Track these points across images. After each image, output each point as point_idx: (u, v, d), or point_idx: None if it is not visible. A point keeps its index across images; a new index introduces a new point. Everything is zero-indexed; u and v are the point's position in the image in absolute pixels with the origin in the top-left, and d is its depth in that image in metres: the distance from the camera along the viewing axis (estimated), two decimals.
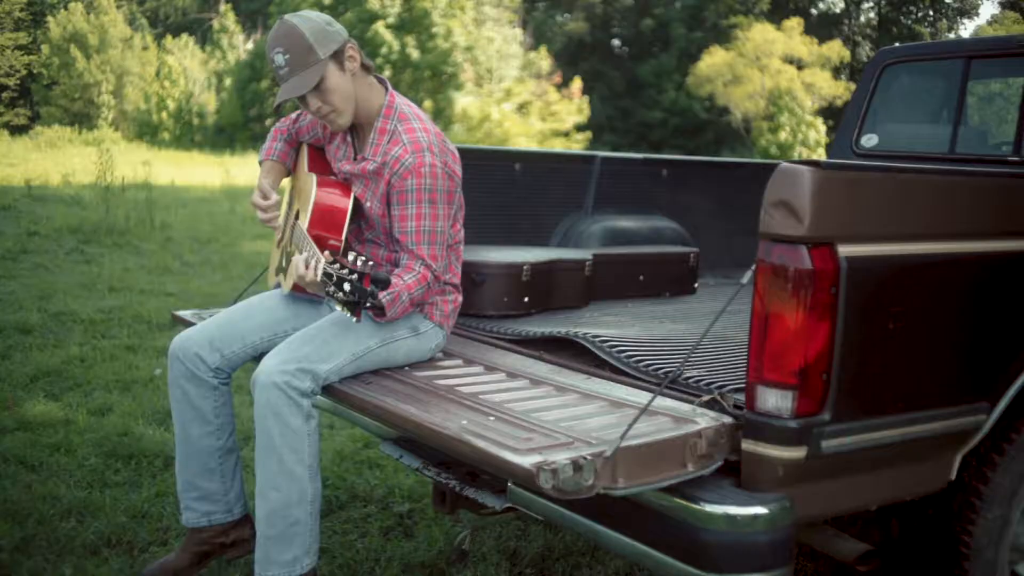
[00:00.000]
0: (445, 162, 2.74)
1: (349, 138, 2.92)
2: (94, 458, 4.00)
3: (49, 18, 40.71)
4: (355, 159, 2.88)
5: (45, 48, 39.85)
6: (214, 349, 2.85)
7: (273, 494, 2.56)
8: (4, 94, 44.15)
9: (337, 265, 2.34)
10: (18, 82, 44.13)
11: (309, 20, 2.69)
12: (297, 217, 2.90)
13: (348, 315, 2.37)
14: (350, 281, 2.32)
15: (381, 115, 2.80)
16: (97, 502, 3.57)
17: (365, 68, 2.79)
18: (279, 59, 2.66)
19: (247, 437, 4.01)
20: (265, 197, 2.98)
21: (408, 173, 2.69)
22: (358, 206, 2.86)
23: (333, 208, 2.81)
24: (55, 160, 20.77)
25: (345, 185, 2.88)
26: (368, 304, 2.37)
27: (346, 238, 2.79)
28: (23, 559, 3.14)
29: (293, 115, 3.14)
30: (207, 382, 2.85)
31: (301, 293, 2.87)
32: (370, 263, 2.36)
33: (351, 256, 2.36)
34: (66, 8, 40.36)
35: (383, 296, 2.51)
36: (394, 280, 2.59)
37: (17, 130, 35.04)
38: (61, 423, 4.40)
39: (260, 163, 3.14)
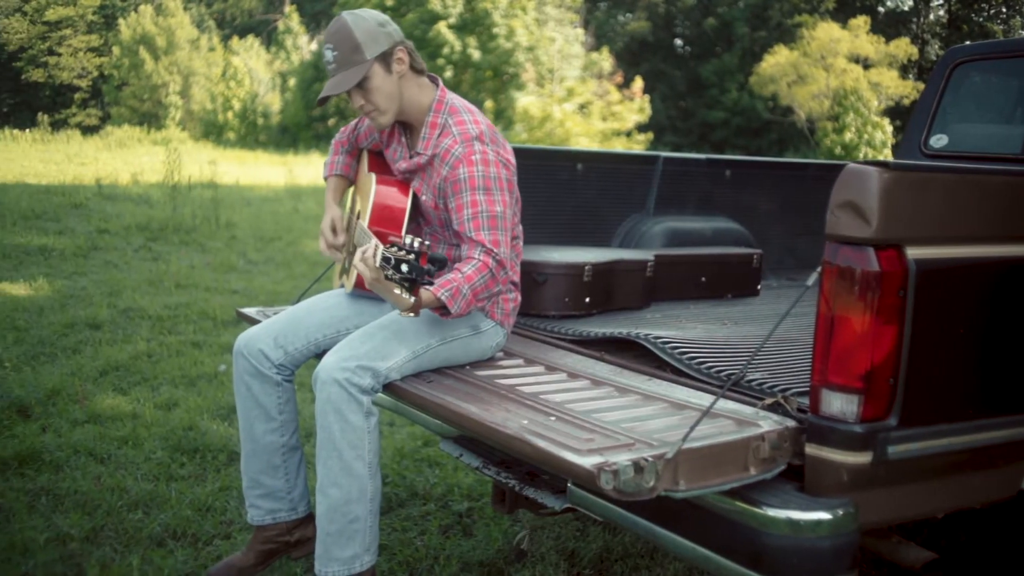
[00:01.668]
0: (497, 151, 2.74)
1: (403, 138, 2.95)
2: (160, 452, 4.08)
3: (120, 20, 41.63)
4: (410, 157, 2.91)
5: (116, 50, 40.76)
6: (278, 346, 2.89)
7: (333, 491, 2.59)
8: (76, 95, 45.27)
9: (395, 248, 2.36)
10: (90, 83, 45.23)
11: (362, 20, 2.72)
12: (359, 216, 2.94)
13: (407, 295, 2.37)
14: (407, 261, 2.33)
15: (432, 110, 2.82)
16: (163, 495, 3.64)
17: (416, 70, 2.81)
18: (328, 54, 2.73)
19: (310, 434, 4.07)
20: (335, 233, 3.03)
21: (459, 163, 2.70)
22: (417, 203, 2.90)
23: (392, 205, 2.86)
24: (125, 159, 21.22)
25: (404, 184, 2.92)
26: (424, 281, 2.36)
27: (406, 233, 2.82)
28: (92, 549, 3.21)
29: (352, 123, 3.20)
30: (271, 378, 2.89)
31: (364, 291, 2.91)
32: (427, 243, 2.37)
33: (408, 239, 2.38)
34: (136, 11, 41.23)
35: (441, 293, 2.51)
36: (452, 274, 2.57)
37: (88, 130, 35.85)
38: (129, 417, 4.50)
39: (325, 179, 3.19)
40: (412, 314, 2.48)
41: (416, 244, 2.35)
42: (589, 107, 28.11)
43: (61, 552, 3.17)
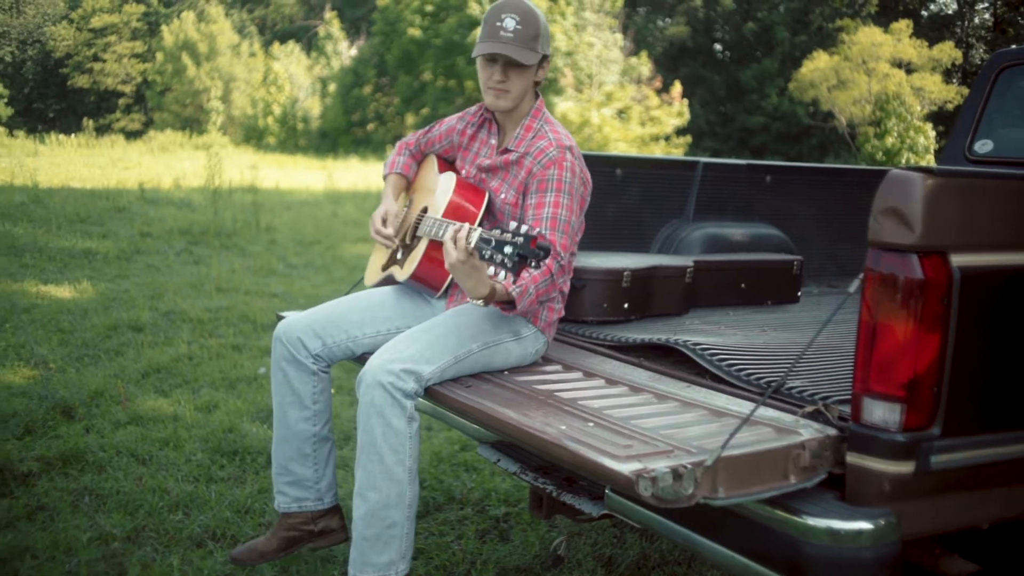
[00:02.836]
0: (582, 168, 2.87)
1: (493, 139, 3.02)
2: (200, 453, 4.12)
3: (163, 27, 42.20)
4: (498, 153, 2.97)
5: (159, 56, 41.32)
6: (316, 336, 2.92)
7: (372, 494, 2.60)
8: (120, 100, 45.93)
9: (497, 231, 2.38)
10: (134, 89, 45.87)
11: (543, 17, 2.88)
12: (426, 211, 2.98)
13: (505, 275, 2.38)
14: (513, 244, 2.33)
15: (530, 115, 2.95)
16: (203, 496, 3.68)
17: (539, 83, 2.96)
18: (510, 23, 2.79)
19: (347, 437, 4.09)
20: (386, 223, 3.07)
21: (551, 163, 2.80)
22: (491, 204, 2.95)
23: (466, 204, 2.92)
24: (167, 164, 21.48)
25: (479, 188, 2.99)
26: (534, 264, 2.35)
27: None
28: (134, 548, 3.25)
29: (424, 128, 3.28)
30: (307, 367, 2.92)
31: (419, 283, 2.95)
32: (536, 229, 2.39)
33: (512, 224, 2.40)
34: (179, 17, 41.76)
35: (513, 289, 2.55)
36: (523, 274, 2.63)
37: (132, 135, 36.38)
38: (170, 418, 4.55)
39: (384, 177, 3.24)
40: (482, 303, 2.53)
41: (524, 229, 2.36)
42: (627, 112, 28.06)
43: (104, 551, 3.21)
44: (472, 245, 2.41)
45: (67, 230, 10.44)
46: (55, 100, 46.80)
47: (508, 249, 2.33)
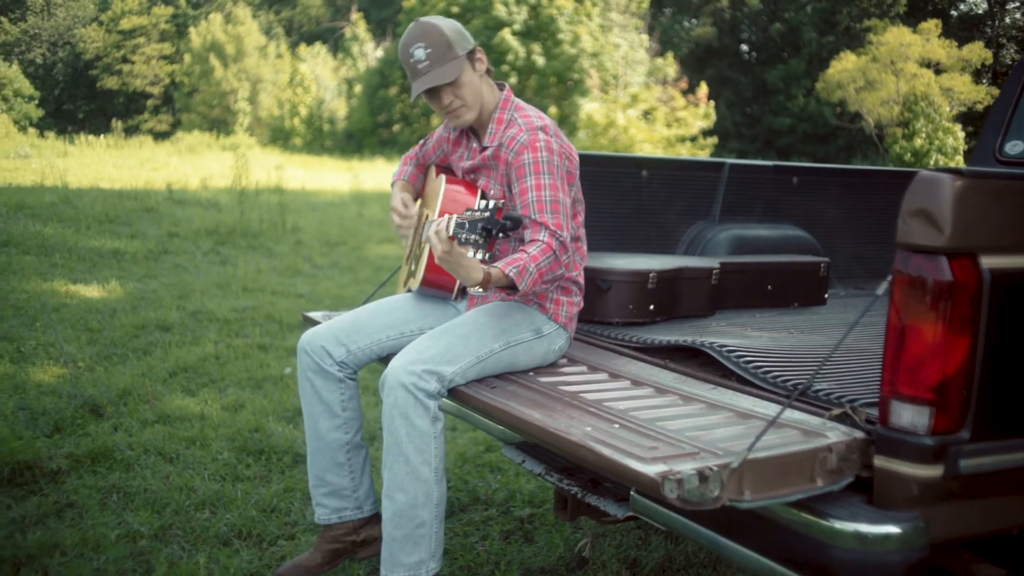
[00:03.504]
0: (560, 143, 2.83)
1: (470, 140, 3.04)
2: (227, 452, 4.15)
3: (191, 29, 42.53)
4: (479, 152, 2.98)
5: (187, 57, 41.65)
6: (340, 343, 2.93)
7: (399, 495, 2.60)
8: (149, 102, 46.33)
9: (468, 212, 2.39)
10: (162, 90, 46.26)
11: (446, 21, 2.85)
12: (427, 218, 2.99)
13: (482, 253, 2.37)
14: (482, 220, 2.33)
15: (499, 107, 2.94)
16: (229, 495, 3.70)
17: (488, 71, 2.94)
18: (419, 53, 2.78)
19: (374, 438, 4.11)
20: (406, 206, 3.13)
21: (523, 148, 2.78)
22: (485, 197, 2.94)
23: (460, 199, 2.92)
24: (194, 165, 21.64)
25: (472, 184, 3.00)
26: (500, 235, 2.36)
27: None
28: (161, 546, 3.28)
29: (420, 142, 3.30)
30: (333, 375, 2.93)
31: (430, 289, 2.96)
32: (502, 202, 2.37)
33: (481, 202, 2.39)
34: (206, 19, 42.08)
35: (509, 270, 2.54)
36: (518, 254, 2.62)
37: (160, 136, 36.69)
38: (197, 418, 4.58)
39: (392, 184, 3.28)
40: (481, 289, 2.49)
41: (491, 204, 2.36)
42: (653, 113, 28.00)
43: (131, 549, 3.24)
44: (450, 232, 2.40)
45: (96, 230, 10.54)
46: (85, 101, 47.30)
47: (479, 226, 2.33)
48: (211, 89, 40.04)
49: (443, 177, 3.00)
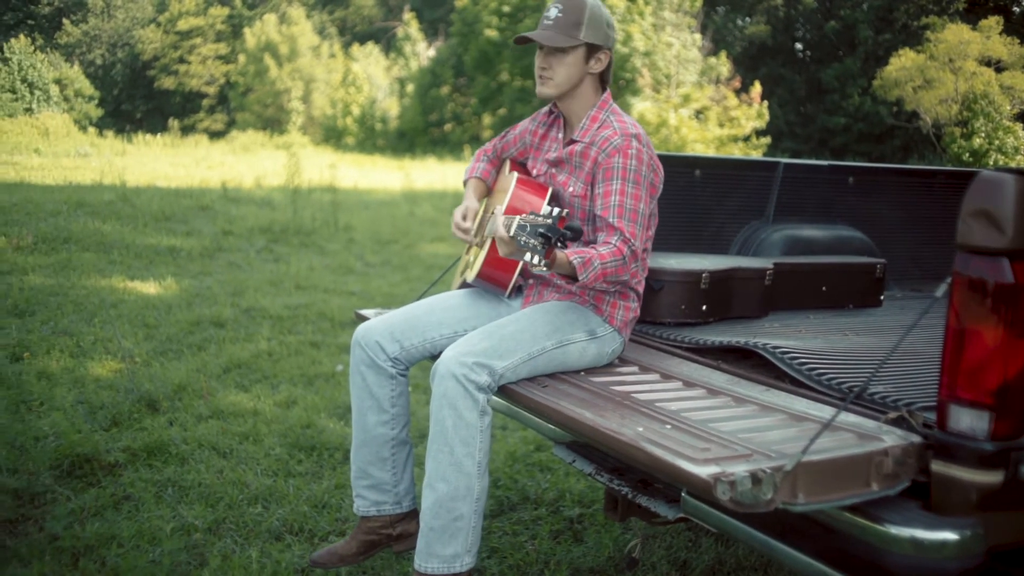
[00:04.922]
0: (650, 155, 2.84)
1: (560, 134, 3.05)
2: (279, 448, 4.19)
3: (246, 29, 43.06)
4: (564, 145, 2.99)
5: (242, 58, 42.18)
6: (394, 339, 2.95)
7: (441, 485, 2.61)
8: (204, 101, 47.00)
9: (532, 216, 2.41)
10: (217, 90, 46.92)
11: (597, 8, 2.88)
12: (493, 212, 3.01)
13: (538, 259, 2.38)
14: (544, 225, 2.35)
15: (596, 106, 2.95)
16: (281, 490, 3.74)
17: (603, 80, 2.97)
18: (553, 11, 2.86)
19: (423, 435, 4.12)
20: (465, 218, 3.10)
21: (615, 151, 2.79)
22: (555, 198, 2.96)
23: (527, 199, 2.93)
24: (249, 163, 21.92)
25: (543, 185, 3.00)
26: (558, 244, 2.38)
27: None
28: (215, 540, 3.32)
29: (500, 134, 3.32)
30: (385, 370, 2.95)
31: (486, 282, 2.99)
32: (565, 211, 2.40)
33: (546, 208, 2.43)
34: (261, 20, 42.57)
35: (574, 258, 2.56)
36: (587, 248, 2.63)
37: (215, 135, 37.22)
38: (250, 413, 4.63)
39: (464, 183, 3.28)
40: (545, 267, 2.47)
41: (555, 211, 2.38)
42: (705, 113, 27.79)
43: (186, 542, 3.29)
44: (511, 234, 2.44)
45: (153, 228, 10.71)
46: (142, 101, 48.09)
47: (541, 231, 2.35)
48: (265, 89, 40.50)
49: (515, 175, 3.01)
